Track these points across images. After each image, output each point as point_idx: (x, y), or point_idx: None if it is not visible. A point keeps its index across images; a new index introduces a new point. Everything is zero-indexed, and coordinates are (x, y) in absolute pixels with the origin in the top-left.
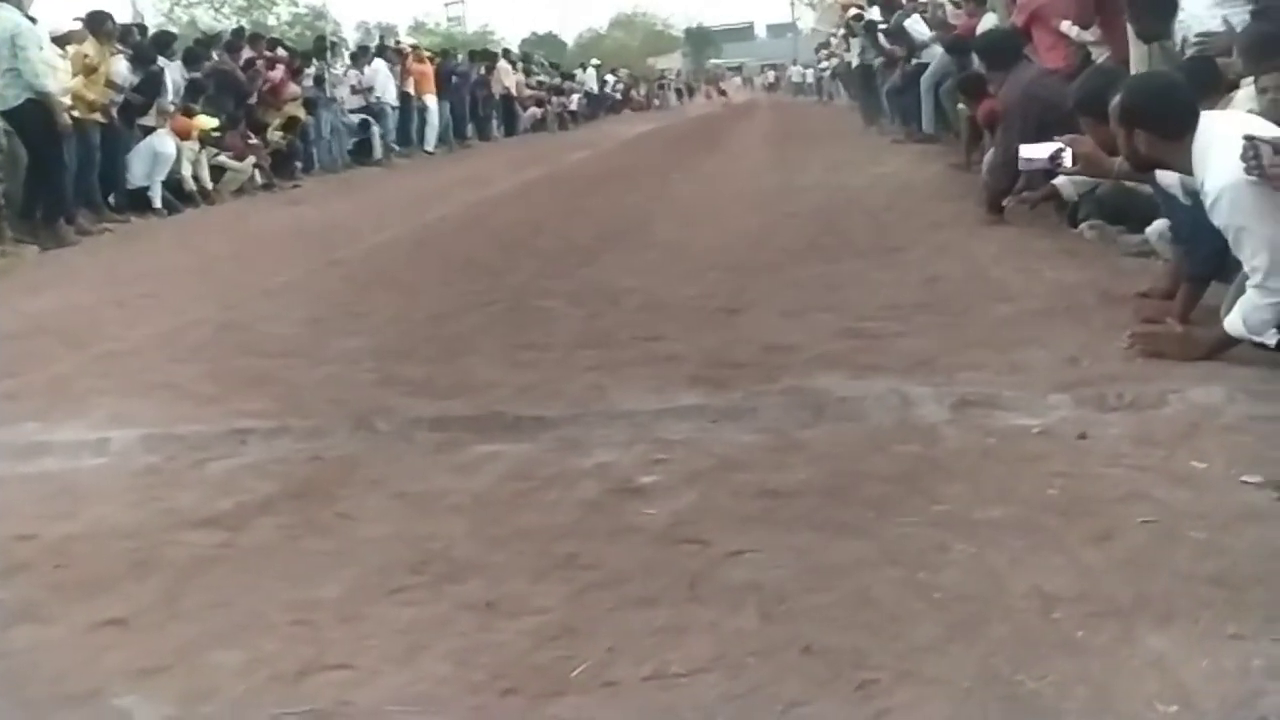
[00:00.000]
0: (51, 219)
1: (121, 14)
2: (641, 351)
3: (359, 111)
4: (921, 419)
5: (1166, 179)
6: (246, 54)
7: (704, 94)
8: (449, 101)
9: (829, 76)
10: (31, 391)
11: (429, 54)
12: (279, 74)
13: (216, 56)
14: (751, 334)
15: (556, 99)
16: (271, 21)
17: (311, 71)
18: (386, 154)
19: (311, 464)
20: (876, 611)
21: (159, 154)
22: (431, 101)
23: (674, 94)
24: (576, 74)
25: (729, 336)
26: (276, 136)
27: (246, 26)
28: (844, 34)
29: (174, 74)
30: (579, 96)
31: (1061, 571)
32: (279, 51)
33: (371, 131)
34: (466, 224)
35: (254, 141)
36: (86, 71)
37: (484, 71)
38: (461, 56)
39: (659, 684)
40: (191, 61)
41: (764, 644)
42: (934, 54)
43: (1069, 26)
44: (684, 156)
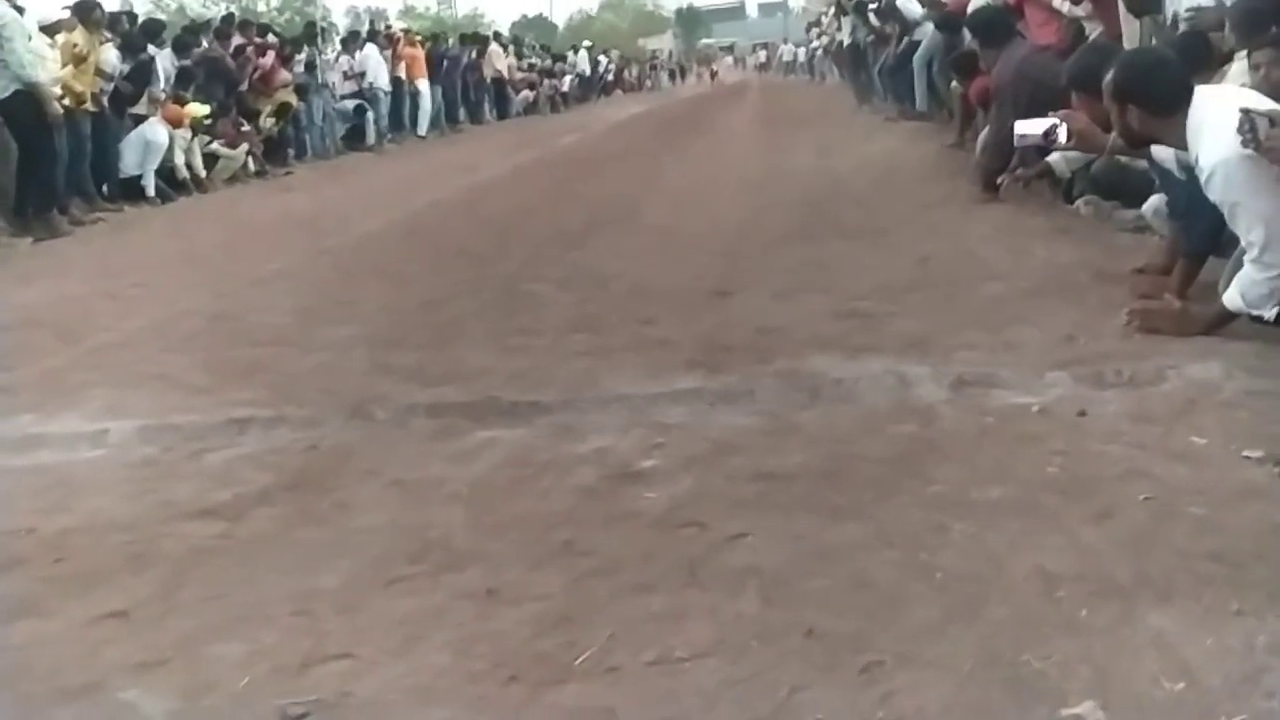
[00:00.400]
0: (44, 209)
1: (110, 1)
2: (634, 336)
3: (352, 97)
4: (918, 399)
5: (1162, 154)
6: (236, 41)
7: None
8: (440, 86)
9: (820, 55)
10: (26, 384)
11: (420, 38)
12: (269, 61)
13: (206, 44)
14: (744, 316)
15: (548, 81)
16: (261, 8)
17: (302, 58)
18: (379, 139)
19: (308, 453)
20: (876, 594)
21: (151, 143)
22: (423, 86)
23: (666, 75)
24: (568, 56)
25: (722, 319)
26: (268, 123)
27: (236, 13)
28: (835, 12)
29: (164, 62)
30: (571, 79)
31: (1062, 551)
32: (269, 38)
33: (366, 117)
34: (458, 210)
35: (246, 129)
36: (76, 61)
37: (475, 55)
38: (452, 40)
39: (661, 669)
40: (181, 49)
41: (765, 628)
42: (926, 32)
43: (1061, 1)
44: (675, 138)
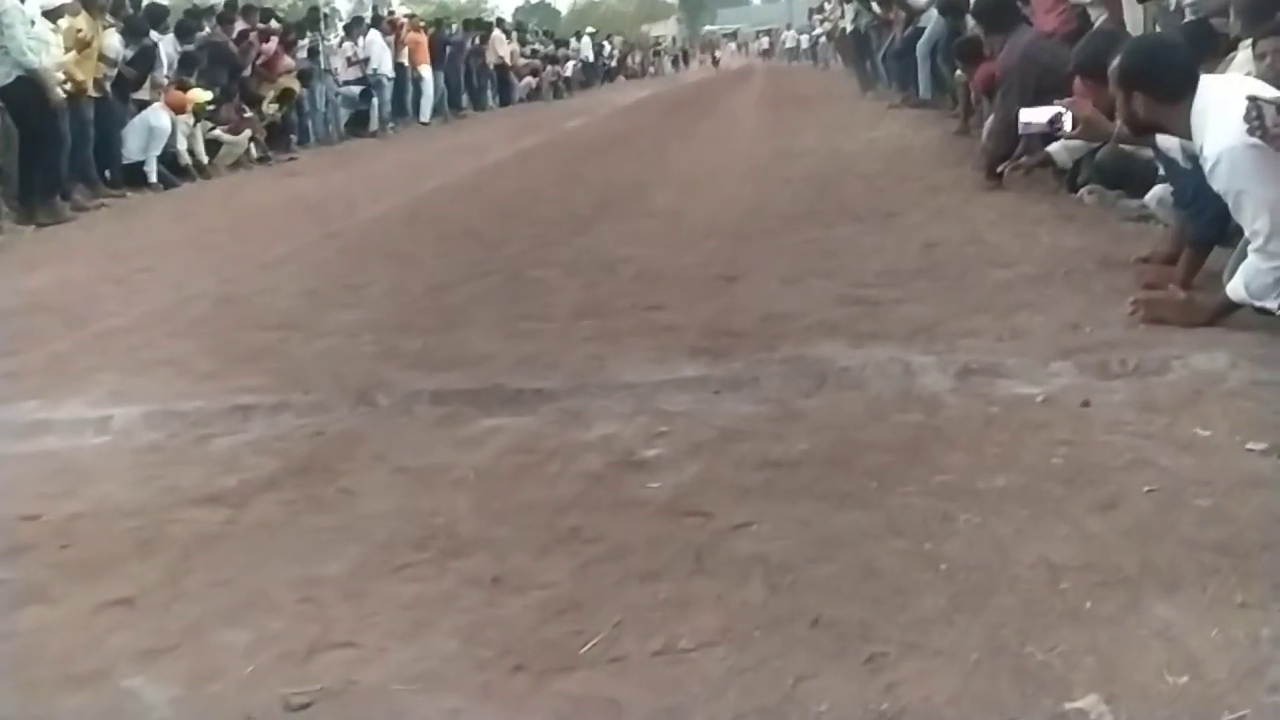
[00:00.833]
0: (47, 195)
1: None
2: (640, 321)
3: (356, 83)
4: (923, 388)
5: (1167, 143)
6: (239, 26)
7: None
8: (443, 72)
9: (824, 42)
10: (31, 370)
11: (423, 24)
12: (272, 46)
13: (209, 29)
14: (750, 302)
15: (551, 68)
16: None
17: (305, 44)
18: (382, 126)
19: (313, 439)
20: (882, 583)
21: (154, 128)
22: (426, 72)
23: (669, 61)
24: (571, 42)
25: (727, 305)
26: (271, 109)
27: None
28: None
29: (167, 47)
30: (574, 64)
31: (1067, 541)
32: (272, 24)
33: (371, 103)
34: (462, 195)
35: (249, 114)
36: (79, 46)
37: (478, 41)
38: (456, 26)
39: (668, 658)
40: (184, 34)
41: (771, 617)
42: (930, 18)
43: None
44: (679, 124)
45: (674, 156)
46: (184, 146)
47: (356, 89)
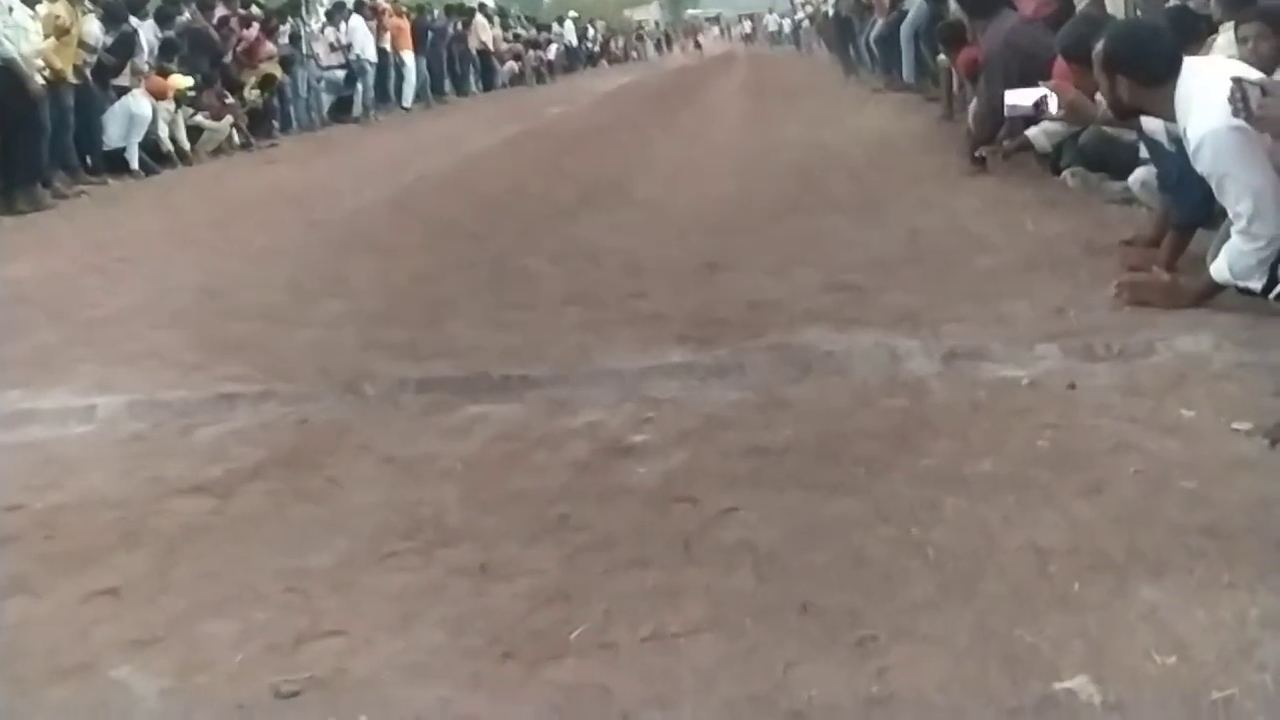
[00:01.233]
0: (27, 183)
1: None
2: (626, 310)
3: (338, 69)
4: (909, 373)
5: (1151, 125)
6: (220, 12)
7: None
8: (425, 57)
9: (806, 26)
10: (14, 360)
11: (405, 9)
12: (253, 32)
13: (189, 15)
14: (735, 291)
15: (533, 52)
16: None
17: (287, 29)
18: (364, 112)
19: (299, 429)
20: (870, 570)
21: (134, 115)
22: (408, 58)
23: (652, 46)
24: (554, 26)
25: (713, 294)
26: (253, 95)
27: None
28: None
29: (146, 33)
30: (557, 48)
31: (1054, 525)
32: (253, 9)
33: (355, 88)
34: (447, 184)
35: (230, 101)
36: (58, 33)
37: (460, 27)
38: (438, 12)
39: (658, 646)
40: (163, 20)
41: (760, 604)
42: (914, 2)
43: None
44: (662, 111)
45: (657, 145)
46: (165, 133)
47: (341, 74)
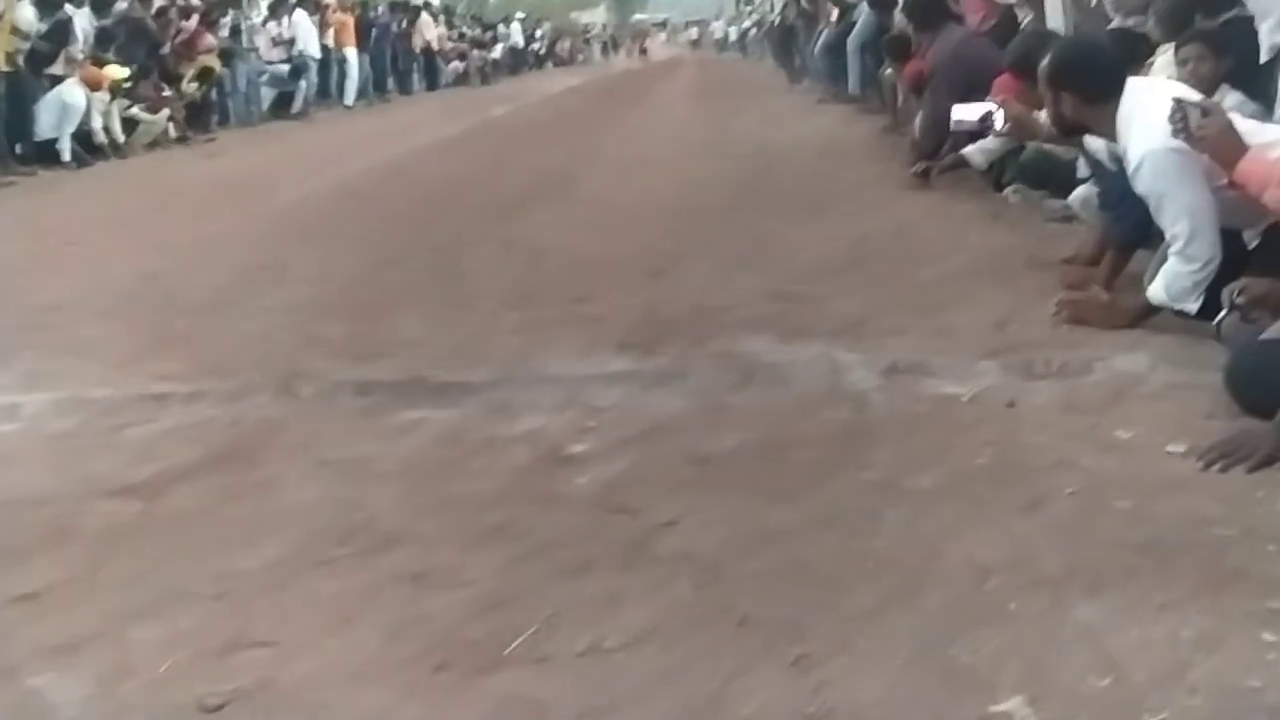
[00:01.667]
0: None
1: None
2: (568, 312)
3: (283, 63)
4: (851, 385)
5: (1094, 144)
6: (158, 2)
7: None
8: (369, 54)
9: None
10: None
11: (349, 5)
12: (193, 24)
13: (126, 4)
14: (678, 295)
15: (478, 52)
16: None
17: (227, 21)
18: (305, 108)
19: (232, 429)
20: (810, 581)
21: (68, 105)
22: (352, 54)
23: (599, 49)
24: (500, 27)
25: (656, 297)
26: (191, 88)
27: None
28: None
29: (82, 21)
30: (502, 47)
31: (993, 541)
32: (192, 0)
33: (298, 84)
34: (387, 180)
35: (168, 93)
36: None
37: (405, 24)
38: (382, 8)
39: (594, 658)
40: (100, 8)
41: (699, 615)
42: (861, 11)
43: None
44: (608, 115)
45: (602, 148)
46: (99, 124)
47: (284, 68)
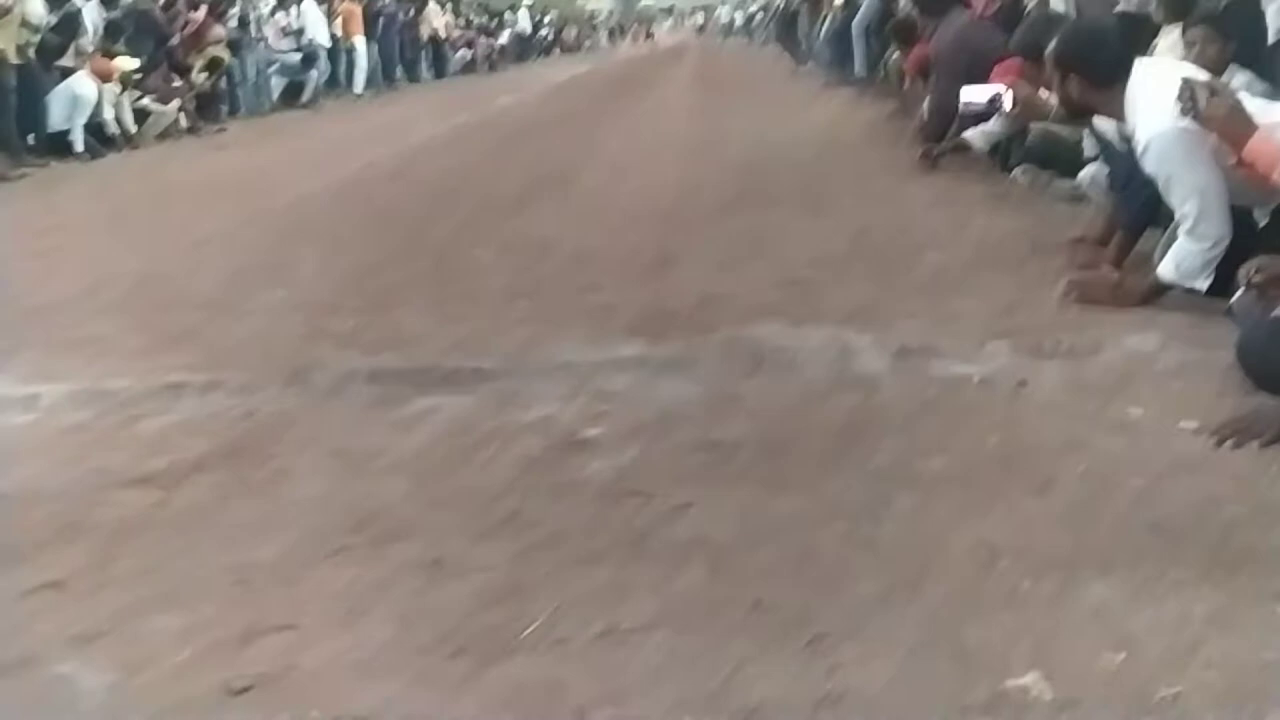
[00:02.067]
0: None
1: None
2: (575, 302)
3: (294, 52)
4: (860, 370)
5: (1103, 125)
6: None
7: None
8: (377, 43)
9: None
10: None
11: None
12: (201, 15)
13: None
14: (686, 284)
15: (486, 40)
16: None
17: (235, 12)
18: (314, 97)
19: (245, 421)
20: (822, 566)
21: (79, 96)
22: (360, 43)
23: (605, 35)
24: (506, 15)
25: (663, 287)
26: (200, 79)
27: None
28: None
29: (91, 14)
30: (509, 33)
31: (1003, 523)
32: None
33: (308, 74)
34: (394, 173)
35: (177, 84)
36: (0, 13)
37: (412, 13)
38: None
39: (608, 642)
40: (108, 1)
41: (711, 600)
42: None
43: None
44: (614, 103)
45: (609, 136)
46: (110, 115)
47: (296, 57)
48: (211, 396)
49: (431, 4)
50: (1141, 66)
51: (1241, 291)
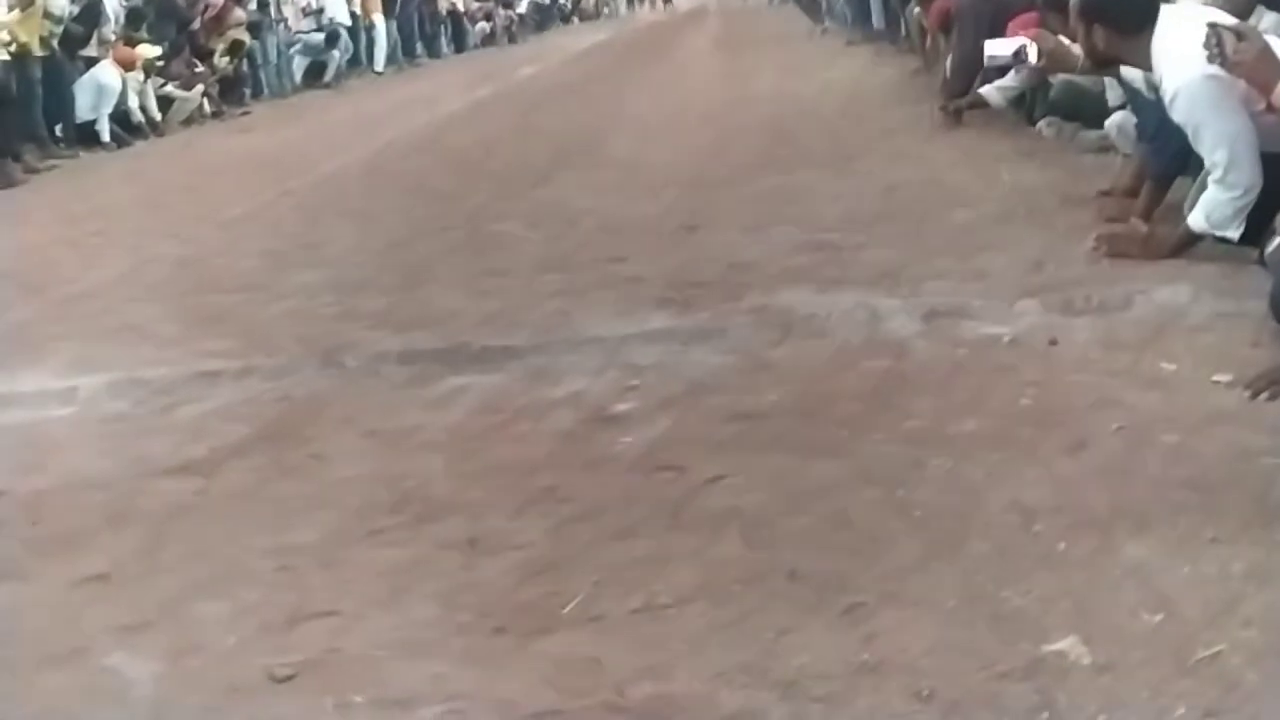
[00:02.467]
0: None
1: None
2: (604, 274)
3: (316, 32)
4: (890, 333)
5: (1131, 74)
6: None
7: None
8: (396, 20)
9: None
10: None
11: None
12: None
13: None
14: (713, 251)
15: (505, 11)
16: None
17: None
18: (336, 76)
19: (281, 404)
20: (857, 533)
21: (103, 86)
22: (379, 20)
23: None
24: None
25: (690, 255)
26: (222, 63)
27: None
28: None
29: (112, 2)
30: (528, 2)
31: (1038, 483)
32: None
33: (332, 52)
34: (419, 148)
35: (200, 69)
36: (23, 5)
37: None
38: None
39: (648, 615)
40: None
41: (748, 571)
42: None
43: None
44: (635, 68)
45: (630, 104)
46: (135, 104)
47: (319, 36)
48: (247, 381)
49: None
50: (1167, 13)
51: (1278, 241)
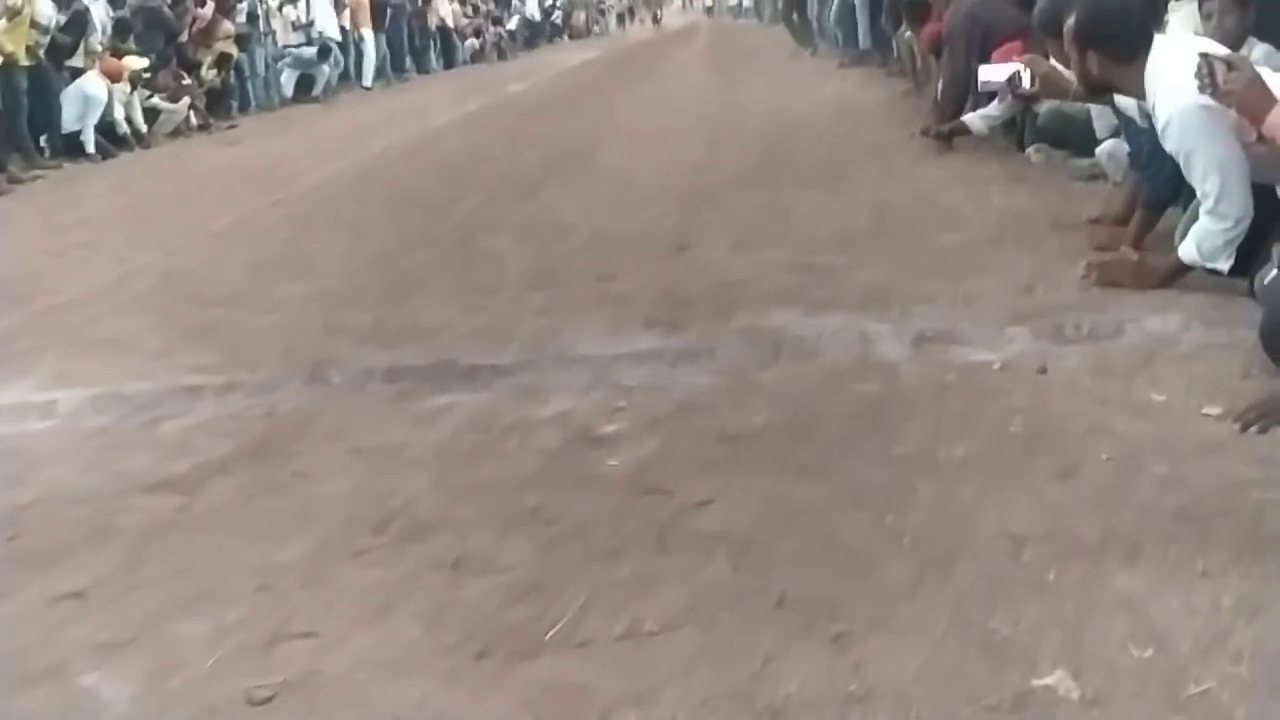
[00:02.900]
0: None
1: None
2: (592, 291)
3: (306, 45)
4: (879, 356)
5: (1124, 102)
6: None
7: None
8: (385, 34)
9: None
10: None
11: None
12: (209, 10)
13: None
14: (702, 270)
15: (495, 28)
16: None
17: (243, 7)
18: (325, 91)
19: (265, 420)
20: (846, 558)
21: (89, 97)
22: (368, 35)
23: (614, 19)
24: (514, 2)
25: (679, 273)
26: (210, 75)
27: None
28: None
29: (99, 12)
30: (518, 19)
31: (1028, 510)
32: None
33: (323, 66)
34: (408, 161)
35: (187, 81)
36: (9, 14)
37: (420, 3)
38: None
39: (634, 641)
40: None
41: (736, 595)
42: None
43: None
44: (622, 88)
45: (619, 123)
46: (121, 115)
47: (311, 50)
48: (231, 397)
49: None
50: (1161, 42)
51: (1277, 271)
